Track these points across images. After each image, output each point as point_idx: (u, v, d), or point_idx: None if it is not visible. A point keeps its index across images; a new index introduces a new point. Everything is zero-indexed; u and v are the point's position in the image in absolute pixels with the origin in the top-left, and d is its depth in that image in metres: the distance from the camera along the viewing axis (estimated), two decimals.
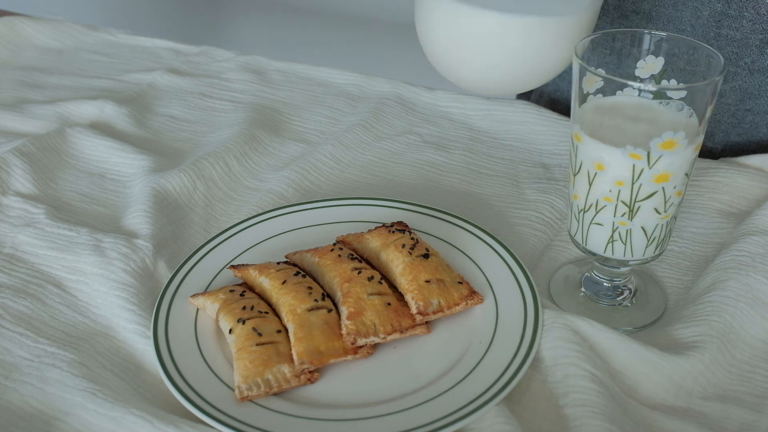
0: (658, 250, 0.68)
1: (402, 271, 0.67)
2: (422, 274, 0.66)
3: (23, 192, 0.82)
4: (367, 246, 0.71)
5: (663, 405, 0.62)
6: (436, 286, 0.66)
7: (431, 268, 0.67)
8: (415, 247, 0.69)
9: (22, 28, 1.18)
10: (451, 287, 0.66)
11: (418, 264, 0.67)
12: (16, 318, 0.67)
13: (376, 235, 0.71)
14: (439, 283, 0.66)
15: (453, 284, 0.67)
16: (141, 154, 0.88)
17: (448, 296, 0.66)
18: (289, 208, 0.79)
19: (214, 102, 1.03)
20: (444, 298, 0.66)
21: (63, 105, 0.99)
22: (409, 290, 0.66)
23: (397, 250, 0.69)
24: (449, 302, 0.65)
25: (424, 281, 0.66)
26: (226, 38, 2.26)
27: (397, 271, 0.67)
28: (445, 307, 0.65)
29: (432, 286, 0.66)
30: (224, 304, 0.65)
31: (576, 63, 0.63)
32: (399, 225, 0.73)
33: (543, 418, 0.60)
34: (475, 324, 0.66)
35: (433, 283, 0.66)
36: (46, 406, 0.60)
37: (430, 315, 0.64)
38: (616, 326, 0.67)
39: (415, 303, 0.65)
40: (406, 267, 0.67)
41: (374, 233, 0.72)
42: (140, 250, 0.73)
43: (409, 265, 0.67)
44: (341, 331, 0.64)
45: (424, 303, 0.65)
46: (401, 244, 0.69)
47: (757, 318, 0.67)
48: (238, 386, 0.60)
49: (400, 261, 0.68)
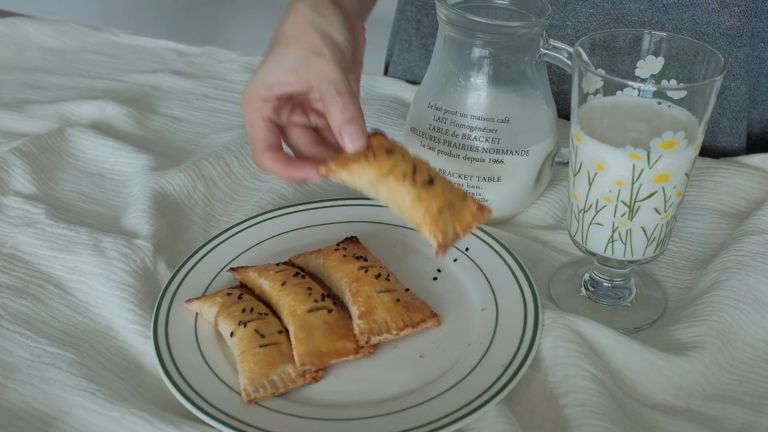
0: (658, 250, 0.68)
1: (411, 204, 0.62)
2: (433, 204, 0.62)
3: (23, 192, 0.82)
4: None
5: (663, 405, 0.62)
6: (448, 212, 0.62)
7: (438, 194, 0.62)
8: (416, 173, 0.63)
9: (25, 29, 1.19)
10: (461, 208, 0.62)
11: (425, 194, 0.62)
12: (16, 318, 0.67)
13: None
14: (450, 208, 0.62)
15: (461, 203, 0.63)
16: (141, 154, 0.88)
17: (461, 220, 0.62)
18: (290, 208, 0.79)
19: (217, 103, 1.03)
20: (458, 222, 0.62)
21: (64, 105, 0.99)
22: (424, 224, 0.61)
23: (398, 182, 0.63)
24: (463, 225, 0.62)
25: (437, 212, 0.61)
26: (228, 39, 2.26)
27: (405, 204, 0.62)
28: (461, 230, 0.61)
29: (445, 214, 0.61)
30: (223, 308, 0.65)
31: (576, 63, 0.63)
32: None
33: (543, 418, 0.60)
34: (475, 324, 0.66)
35: (445, 210, 0.62)
36: (46, 406, 0.60)
37: (449, 245, 0.61)
38: (616, 326, 0.67)
39: (434, 238, 0.61)
40: (414, 200, 0.62)
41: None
42: (140, 250, 0.73)
43: (416, 197, 0.62)
44: (345, 331, 0.64)
45: (442, 235, 0.61)
46: (401, 174, 0.63)
47: (757, 318, 0.67)
48: (245, 389, 0.60)
49: (405, 194, 0.62)
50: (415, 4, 1.04)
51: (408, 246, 0.75)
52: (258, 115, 0.67)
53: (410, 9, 1.06)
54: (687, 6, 0.87)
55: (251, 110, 0.67)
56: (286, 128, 0.70)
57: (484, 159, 0.76)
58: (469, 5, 0.75)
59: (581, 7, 0.90)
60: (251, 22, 2.20)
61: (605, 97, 0.63)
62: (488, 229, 0.76)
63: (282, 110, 0.69)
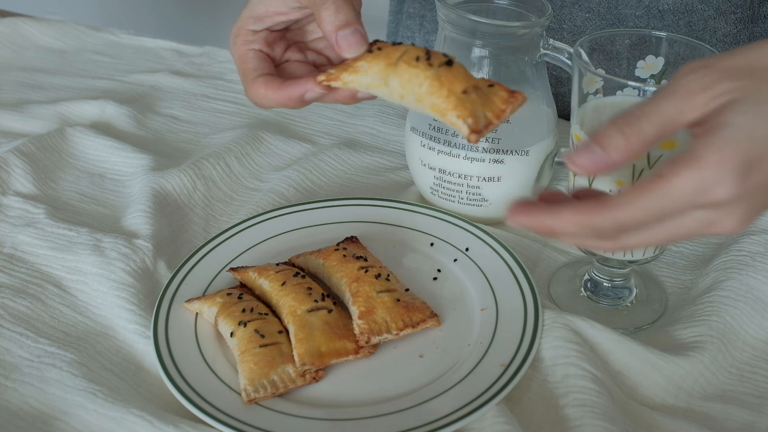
0: (658, 250, 0.68)
1: (429, 88, 0.53)
2: (455, 84, 0.53)
3: (23, 192, 0.82)
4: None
5: (663, 405, 0.62)
6: (475, 94, 0.53)
7: (461, 74, 0.54)
8: (431, 55, 0.55)
9: (25, 29, 1.19)
10: (489, 93, 0.54)
11: (445, 74, 0.54)
12: (16, 318, 0.67)
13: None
14: (477, 90, 0.54)
15: (488, 88, 0.55)
16: (141, 154, 0.88)
17: (491, 105, 0.54)
18: (290, 208, 0.79)
19: (217, 103, 1.03)
20: (488, 108, 0.54)
21: (64, 105, 0.99)
22: (449, 108, 0.53)
23: (411, 66, 0.54)
24: (495, 111, 0.54)
25: (461, 92, 0.53)
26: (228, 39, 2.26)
27: (422, 91, 0.54)
28: (494, 117, 0.54)
29: (471, 95, 0.53)
30: (223, 308, 0.65)
31: (576, 63, 0.63)
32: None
33: (543, 418, 0.60)
34: (475, 324, 0.66)
35: (471, 91, 0.53)
36: (46, 406, 0.60)
37: (482, 131, 0.53)
38: (616, 326, 0.67)
39: (463, 122, 0.52)
40: (432, 82, 0.53)
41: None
42: (140, 250, 0.73)
43: (436, 78, 0.53)
44: (345, 331, 0.64)
45: (473, 119, 0.53)
46: (413, 57, 0.55)
47: (757, 318, 0.67)
48: (245, 389, 0.60)
49: (422, 77, 0.54)
50: (417, 0, 1.04)
51: (408, 246, 0.75)
52: (247, 48, 0.62)
53: (412, 6, 1.05)
54: (683, 12, 0.87)
55: (240, 44, 0.62)
56: (281, 65, 0.64)
57: (484, 159, 0.76)
58: (469, 5, 0.75)
59: (577, 11, 0.90)
60: None
61: (605, 97, 0.63)
62: (488, 229, 0.76)
63: (276, 44, 0.64)
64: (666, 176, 0.47)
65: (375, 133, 0.96)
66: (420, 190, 0.82)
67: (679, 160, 0.47)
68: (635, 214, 0.48)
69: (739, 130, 0.46)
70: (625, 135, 0.48)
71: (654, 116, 0.48)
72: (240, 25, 0.63)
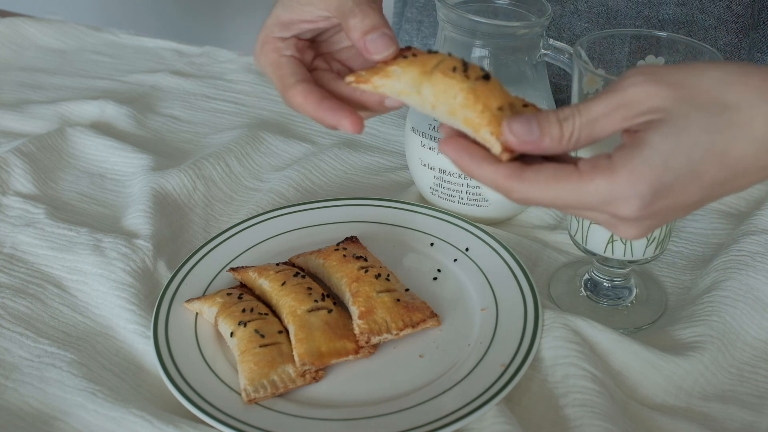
0: (658, 250, 0.68)
1: (465, 100, 0.52)
2: (491, 100, 0.52)
3: (23, 192, 0.82)
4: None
5: (663, 405, 0.62)
6: (510, 113, 0.51)
7: (497, 90, 0.53)
8: (468, 67, 0.54)
9: (25, 29, 1.19)
10: (522, 112, 0.52)
11: (481, 88, 0.52)
12: (16, 318, 0.67)
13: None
14: (512, 108, 0.52)
15: (521, 108, 0.53)
16: (141, 154, 0.88)
17: None
18: (290, 208, 0.79)
19: (218, 103, 1.03)
20: None
21: (64, 105, 0.99)
22: (483, 123, 0.51)
23: (448, 76, 0.53)
24: None
25: (497, 109, 0.51)
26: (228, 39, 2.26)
27: (457, 102, 0.52)
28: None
29: (506, 113, 0.51)
30: (223, 308, 0.65)
31: (576, 63, 0.63)
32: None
33: (543, 418, 0.60)
34: (475, 324, 0.66)
35: (506, 109, 0.52)
36: (46, 406, 0.60)
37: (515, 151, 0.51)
38: (616, 326, 0.67)
39: (496, 139, 0.51)
40: (468, 94, 0.52)
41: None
42: (140, 250, 0.73)
43: (471, 91, 0.52)
44: (345, 331, 0.64)
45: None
46: (450, 68, 0.53)
47: (757, 318, 0.67)
48: (245, 389, 0.60)
49: (457, 89, 0.52)
50: (416, 5, 1.04)
51: (408, 246, 0.75)
52: (279, 54, 0.60)
53: (410, 11, 1.06)
54: (683, 23, 0.87)
55: (269, 51, 0.61)
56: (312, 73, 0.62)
57: None
58: (469, 5, 0.75)
59: (576, 21, 0.90)
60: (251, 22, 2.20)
61: None
62: (488, 229, 0.76)
63: (305, 52, 0.62)
64: (583, 177, 0.49)
65: (375, 133, 0.96)
66: (420, 190, 0.82)
67: (599, 166, 0.48)
68: (544, 198, 0.50)
69: (657, 155, 0.47)
70: (561, 129, 0.49)
71: (587, 121, 0.49)
72: (266, 33, 0.61)
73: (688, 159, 0.47)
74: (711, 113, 0.47)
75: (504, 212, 0.80)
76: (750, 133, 0.47)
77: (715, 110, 0.47)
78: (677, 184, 0.48)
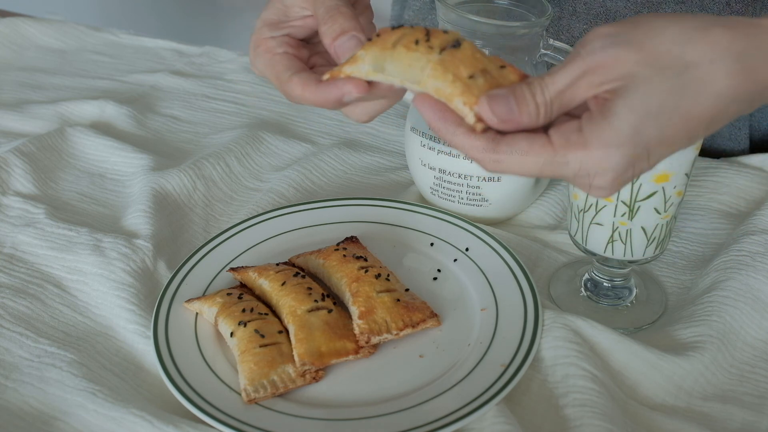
0: (658, 250, 0.68)
1: (432, 72, 0.50)
2: (461, 68, 0.50)
3: (23, 192, 0.82)
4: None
5: (663, 405, 0.62)
6: (482, 79, 0.50)
7: (467, 57, 0.51)
8: (430, 36, 0.52)
9: (25, 29, 1.19)
10: (497, 76, 0.51)
11: (449, 58, 0.50)
12: (16, 318, 0.67)
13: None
14: (485, 74, 0.51)
15: (498, 72, 0.51)
16: (141, 154, 0.88)
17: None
18: (290, 208, 0.79)
19: (218, 103, 1.03)
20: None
21: (64, 105, 0.99)
22: (455, 93, 0.49)
23: (411, 50, 0.51)
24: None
25: (468, 77, 0.50)
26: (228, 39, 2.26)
27: (425, 75, 0.50)
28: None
29: (478, 81, 0.50)
30: (223, 308, 0.65)
31: None
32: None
33: (543, 418, 0.60)
34: (475, 324, 0.66)
35: (478, 76, 0.50)
36: (46, 406, 0.60)
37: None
38: (616, 326, 0.67)
39: (470, 109, 0.50)
40: (435, 65, 0.50)
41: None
42: (140, 250, 0.73)
43: (439, 62, 0.50)
44: (345, 331, 0.64)
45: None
46: (412, 41, 0.51)
47: (757, 318, 0.67)
48: (245, 389, 0.60)
49: (424, 61, 0.50)
50: (413, 8, 1.05)
51: (408, 246, 0.75)
52: (271, 54, 0.61)
53: (408, 13, 1.06)
54: None
55: (262, 52, 0.61)
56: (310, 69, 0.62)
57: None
58: (469, 5, 0.75)
59: (575, 23, 0.90)
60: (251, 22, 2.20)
61: None
62: (488, 229, 0.76)
63: (300, 49, 0.62)
64: (557, 151, 0.49)
65: (375, 133, 0.96)
66: (420, 190, 0.82)
67: (572, 140, 0.49)
68: (518, 171, 0.51)
69: (627, 125, 0.48)
70: (536, 105, 0.50)
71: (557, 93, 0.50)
72: (257, 36, 0.62)
73: (657, 124, 0.48)
74: (673, 73, 0.48)
75: (504, 212, 0.80)
76: (712, 89, 0.48)
77: (676, 70, 0.48)
78: (648, 150, 0.49)
